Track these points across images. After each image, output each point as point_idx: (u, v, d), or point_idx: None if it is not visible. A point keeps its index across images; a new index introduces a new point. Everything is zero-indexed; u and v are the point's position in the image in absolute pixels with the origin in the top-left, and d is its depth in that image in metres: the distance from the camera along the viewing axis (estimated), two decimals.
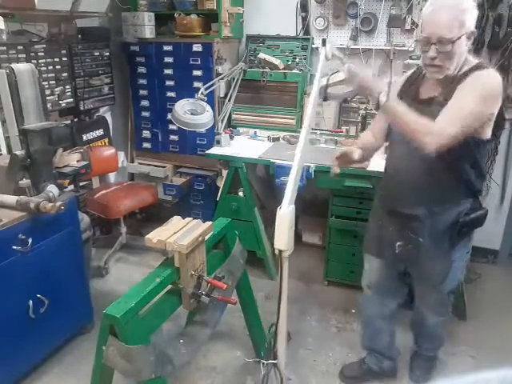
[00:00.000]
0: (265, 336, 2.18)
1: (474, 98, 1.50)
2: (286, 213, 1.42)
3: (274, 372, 1.66)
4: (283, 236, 1.43)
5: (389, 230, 1.83)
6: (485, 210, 1.76)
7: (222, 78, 3.14)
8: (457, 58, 1.55)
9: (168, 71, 3.37)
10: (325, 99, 1.76)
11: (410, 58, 2.85)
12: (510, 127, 3.03)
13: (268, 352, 1.71)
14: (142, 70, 3.47)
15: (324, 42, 1.68)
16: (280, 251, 1.46)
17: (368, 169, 2.53)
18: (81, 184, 2.99)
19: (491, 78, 1.55)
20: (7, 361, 2.01)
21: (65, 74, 2.93)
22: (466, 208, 1.70)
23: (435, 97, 1.63)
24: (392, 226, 1.82)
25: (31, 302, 2.06)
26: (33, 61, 2.61)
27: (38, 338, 2.15)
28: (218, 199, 3.10)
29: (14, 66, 2.04)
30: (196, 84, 3.25)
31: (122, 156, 3.69)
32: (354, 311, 2.71)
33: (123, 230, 3.32)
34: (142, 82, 3.50)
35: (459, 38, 1.50)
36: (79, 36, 3.07)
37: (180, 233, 1.61)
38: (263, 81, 3.22)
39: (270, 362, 1.64)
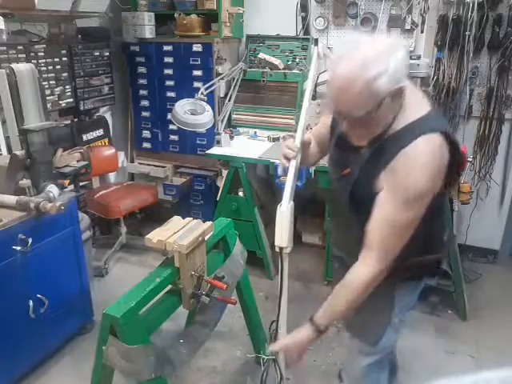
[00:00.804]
0: (265, 336, 2.18)
1: (402, 211, 1.19)
2: (286, 209, 1.43)
3: (274, 368, 1.65)
4: (284, 233, 1.44)
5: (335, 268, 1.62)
6: (436, 256, 1.44)
7: (222, 78, 3.14)
8: (382, 120, 1.20)
9: (168, 71, 3.37)
10: (313, 98, 1.76)
11: (411, 57, 2.85)
12: (510, 127, 3.03)
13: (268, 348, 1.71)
14: (142, 69, 3.47)
15: (316, 42, 1.70)
16: (280, 248, 1.46)
17: None
18: (81, 184, 2.98)
19: (423, 166, 1.15)
20: (7, 361, 2.01)
21: (65, 74, 2.93)
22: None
23: (362, 148, 1.29)
24: (336, 264, 1.59)
25: (31, 302, 2.06)
26: (33, 61, 2.61)
27: (38, 338, 2.15)
28: (217, 199, 3.10)
29: (14, 66, 2.04)
30: (196, 84, 3.25)
31: (121, 156, 3.69)
32: None
33: (123, 230, 3.32)
34: (142, 82, 3.50)
35: (379, 106, 1.13)
36: (79, 36, 3.07)
37: (180, 233, 1.62)
38: (263, 81, 3.21)
39: (269, 357, 1.63)
